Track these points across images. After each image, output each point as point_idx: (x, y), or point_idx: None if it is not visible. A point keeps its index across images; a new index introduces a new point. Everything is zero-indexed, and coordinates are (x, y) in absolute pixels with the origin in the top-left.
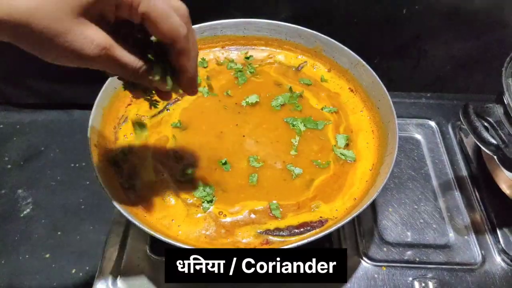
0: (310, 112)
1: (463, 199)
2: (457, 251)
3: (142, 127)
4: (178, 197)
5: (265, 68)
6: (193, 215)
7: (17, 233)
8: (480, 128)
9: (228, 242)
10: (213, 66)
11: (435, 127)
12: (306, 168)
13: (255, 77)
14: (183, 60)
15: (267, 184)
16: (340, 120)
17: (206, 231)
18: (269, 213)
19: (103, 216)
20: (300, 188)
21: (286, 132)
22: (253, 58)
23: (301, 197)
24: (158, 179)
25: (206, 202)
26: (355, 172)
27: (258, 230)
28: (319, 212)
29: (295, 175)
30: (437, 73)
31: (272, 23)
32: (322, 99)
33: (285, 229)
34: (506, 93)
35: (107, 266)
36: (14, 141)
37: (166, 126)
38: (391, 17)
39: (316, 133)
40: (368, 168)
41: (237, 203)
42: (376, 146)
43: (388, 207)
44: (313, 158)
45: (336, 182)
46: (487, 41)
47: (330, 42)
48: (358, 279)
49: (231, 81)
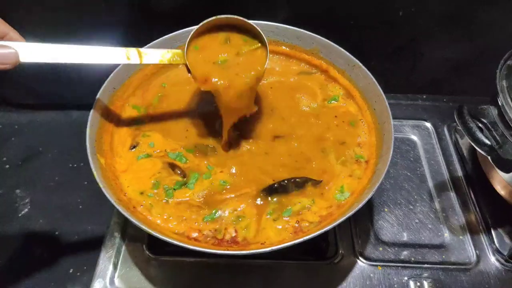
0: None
1: (458, 200)
2: (452, 251)
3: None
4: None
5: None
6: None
7: (15, 233)
8: (474, 129)
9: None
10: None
11: (431, 128)
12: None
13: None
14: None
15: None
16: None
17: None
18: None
19: (101, 216)
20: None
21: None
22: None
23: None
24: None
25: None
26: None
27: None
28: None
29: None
30: (433, 75)
31: (270, 25)
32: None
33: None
34: (500, 95)
35: (105, 265)
36: (12, 141)
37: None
38: (388, 20)
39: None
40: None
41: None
42: (372, 147)
43: (384, 207)
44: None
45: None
46: (482, 44)
47: (328, 44)
48: (353, 278)
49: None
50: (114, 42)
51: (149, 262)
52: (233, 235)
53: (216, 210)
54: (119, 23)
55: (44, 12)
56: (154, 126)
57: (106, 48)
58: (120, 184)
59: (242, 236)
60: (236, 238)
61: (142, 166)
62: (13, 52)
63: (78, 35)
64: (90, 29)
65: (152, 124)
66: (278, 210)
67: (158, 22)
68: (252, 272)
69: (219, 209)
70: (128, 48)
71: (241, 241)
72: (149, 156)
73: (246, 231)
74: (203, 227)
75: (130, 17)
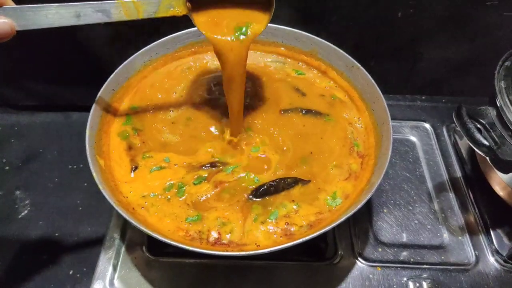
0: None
1: (457, 200)
2: (451, 251)
3: None
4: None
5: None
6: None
7: (14, 235)
8: (473, 129)
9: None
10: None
11: (430, 129)
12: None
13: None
14: None
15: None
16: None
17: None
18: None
19: (100, 217)
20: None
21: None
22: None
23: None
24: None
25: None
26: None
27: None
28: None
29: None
30: (432, 76)
31: (269, 26)
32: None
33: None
34: (498, 96)
35: (105, 267)
36: (12, 143)
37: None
38: (387, 20)
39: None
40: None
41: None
42: (371, 147)
43: (383, 208)
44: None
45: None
46: (481, 45)
47: (326, 45)
48: (353, 279)
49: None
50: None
51: (148, 263)
52: (216, 237)
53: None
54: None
55: None
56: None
57: (102, 3)
58: (120, 192)
59: (227, 239)
60: (220, 240)
61: (155, 176)
62: (7, 23)
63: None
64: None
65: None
66: (264, 213)
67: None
68: (251, 273)
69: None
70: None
71: (227, 243)
72: (162, 169)
73: (231, 235)
74: (188, 227)
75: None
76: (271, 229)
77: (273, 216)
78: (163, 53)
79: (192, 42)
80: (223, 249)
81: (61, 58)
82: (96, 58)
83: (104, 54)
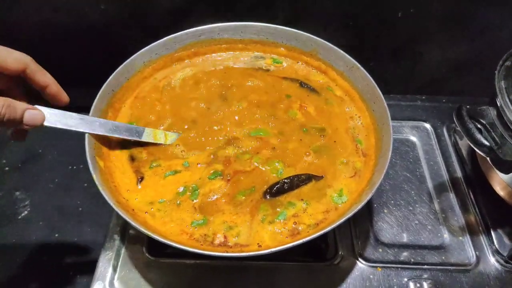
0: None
1: (458, 201)
2: (451, 252)
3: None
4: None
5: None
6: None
7: (14, 236)
8: (473, 129)
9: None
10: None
11: (430, 129)
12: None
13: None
14: (41, 76)
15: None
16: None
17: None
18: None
19: (100, 218)
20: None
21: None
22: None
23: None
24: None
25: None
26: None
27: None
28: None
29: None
30: (432, 76)
31: (269, 27)
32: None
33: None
34: (498, 96)
35: (105, 268)
36: (12, 143)
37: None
38: (387, 20)
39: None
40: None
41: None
42: (371, 148)
43: (384, 208)
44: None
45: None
46: (481, 45)
47: (326, 45)
48: (353, 279)
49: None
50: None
51: (148, 264)
52: (222, 240)
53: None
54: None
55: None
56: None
57: (128, 125)
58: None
59: (233, 242)
60: (227, 243)
61: (170, 181)
62: (41, 115)
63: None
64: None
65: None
66: (273, 214)
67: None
68: (252, 274)
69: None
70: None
71: (233, 245)
72: (177, 172)
73: (238, 237)
74: (192, 231)
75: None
76: (279, 229)
77: (282, 217)
78: (163, 53)
79: (192, 43)
80: (223, 250)
81: (61, 58)
82: (96, 58)
83: (104, 54)
